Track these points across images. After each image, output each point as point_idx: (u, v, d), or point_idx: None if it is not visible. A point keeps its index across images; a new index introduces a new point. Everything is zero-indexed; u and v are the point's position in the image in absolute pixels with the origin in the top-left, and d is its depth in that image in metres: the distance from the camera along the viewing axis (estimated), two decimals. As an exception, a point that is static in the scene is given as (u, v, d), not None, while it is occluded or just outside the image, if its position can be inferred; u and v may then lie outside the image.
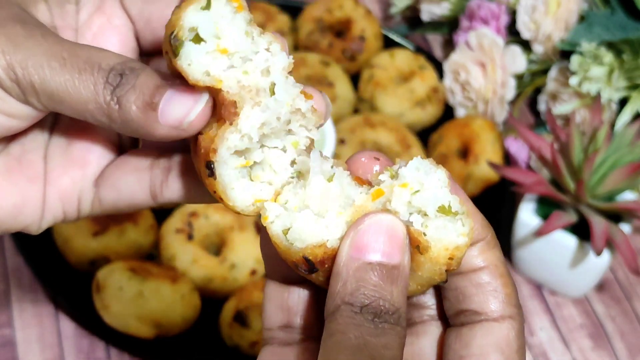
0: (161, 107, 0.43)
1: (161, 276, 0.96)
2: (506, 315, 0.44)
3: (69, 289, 1.00)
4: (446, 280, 0.43)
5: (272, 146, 0.45)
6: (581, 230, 1.01)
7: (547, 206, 1.04)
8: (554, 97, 1.21)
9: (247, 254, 1.02)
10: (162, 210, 1.07)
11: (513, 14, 1.27)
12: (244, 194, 0.44)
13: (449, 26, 1.35)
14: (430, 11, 1.33)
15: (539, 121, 1.27)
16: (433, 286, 0.45)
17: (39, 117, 0.46)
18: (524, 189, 0.99)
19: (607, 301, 1.09)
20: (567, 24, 1.21)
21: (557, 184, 1.01)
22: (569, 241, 1.01)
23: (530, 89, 1.25)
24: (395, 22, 1.42)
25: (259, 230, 1.04)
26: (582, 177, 0.96)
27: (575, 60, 1.12)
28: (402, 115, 1.20)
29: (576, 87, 1.13)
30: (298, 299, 0.47)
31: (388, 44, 1.30)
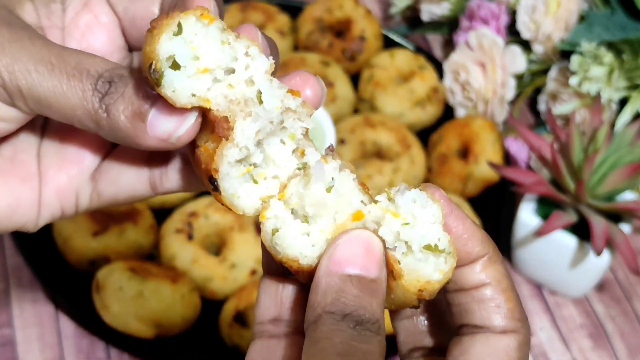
0: (150, 119, 0.43)
1: (161, 276, 0.96)
2: (509, 330, 0.44)
3: (69, 288, 1.00)
4: (418, 306, 0.44)
5: (270, 144, 0.45)
6: (581, 230, 1.01)
7: (547, 206, 1.04)
8: (554, 97, 1.21)
9: (247, 254, 1.02)
10: (162, 210, 1.07)
11: (513, 14, 1.27)
12: (250, 198, 0.45)
13: (449, 26, 1.35)
14: (430, 11, 1.33)
15: (539, 121, 1.27)
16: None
17: (27, 119, 0.46)
18: (524, 189, 0.99)
19: (607, 301, 1.09)
20: (567, 24, 1.21)
21: (557, 184, 1.01)
22: (569, 241, 1.01)
23: (530, 89, 1.25)
24: (395, 22, 1.42)
25: (259, 231, 1.04)
26: (582, 177, 0.96)
27: (575, 60, 1.12)
28: (402, 115, 1.20)
29: (576, 87, 1.13)
30: (291, 293, 0.47)
31: (388, 44, 1.30)
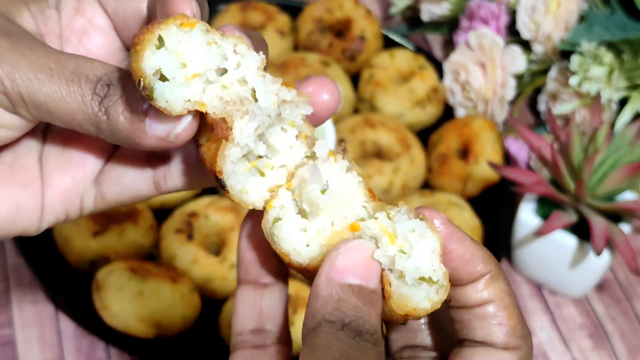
0: (148, 119, 0.43)
1: (161, 276, 0.96)
2: (511, 347, 0.44)
3: (69, 289, 1.00)
4: (405, 323, 0.44)
5: (271, 134, 0.45)
6: (581, 230, 1.01)
7: (547, 206, 1.04)
8: (554, 97, 1.21)
9: (247, 254, 1.02)
10: (162, 210, 1.07)
11: (513, 14, 1.27)
12: (258, 191, 0.45)
13: (449, 26, 1.35)
14: (430, 11, 1.33)
15: (539, 121, 1.27)
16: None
17: (30, 127, 0.46)
18: (524, 189, 0.99)
19: (607, 301, 1.09)
20: (567, 24, 1.21)
21: (557, 184, 1.01)
22: (569, 241, 1.01)
23: (530, 89, 1.25)
24: (395, 22, 1.42)
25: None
26: (582, 177, 0.96)
27: (575, 60, 1.12)
28: (402, 115, 1.20)
29: (576, 87, 1.13)
30: (270, 303, 0.48)
31: (388, 44, 1.30)
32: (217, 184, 0.44)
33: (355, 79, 1.25)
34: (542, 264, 1.07)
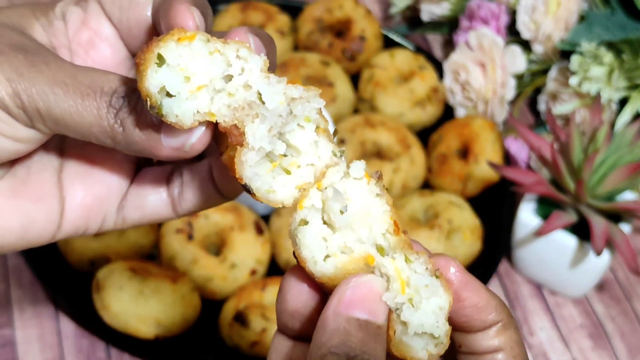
0: (164, 129, 0.44)
1: (161, 276, 0.96)
2: None
3: (69, 289, 1.00)
4: None
5: (289, 132, 0.45)
6: (581, 230, 1.01)
7: (547, 206, 1.04)
8: (554, 97, 1.21)
9: (247, 254, 1.02)
10: (162, 210, 1.07)
11: (513, 14, 1.27)
12: (285, 189, 0.45)
13: (449, 26, 1.35)
14: (430, 11, 1.33)
15: (539, 121, 1.27)
16: None
17: (44, 140, 0.47)
18: (524, 189, 0.99)
19: (607, 301, 1.09)
20: (567, 24, 1.21)
21: (557, 184, 1.01)
22: (569, 241, 1.01)
23: (530, 89, 1.25)
24: (395, 22, 1.42)
25: (259, 231, 1.04)
26: (582, 177, 0.96)
27: (575, 60, 1.12)
28: (402, 115, 1.20)
29: (576, 87, 1.13)
30: (302, 354, 0.48)
31: (388, 44, 1.30)
32: (243, 189, 0.44)
33: (355, 79, 1.25)
34: (542, 264, 1.07)
